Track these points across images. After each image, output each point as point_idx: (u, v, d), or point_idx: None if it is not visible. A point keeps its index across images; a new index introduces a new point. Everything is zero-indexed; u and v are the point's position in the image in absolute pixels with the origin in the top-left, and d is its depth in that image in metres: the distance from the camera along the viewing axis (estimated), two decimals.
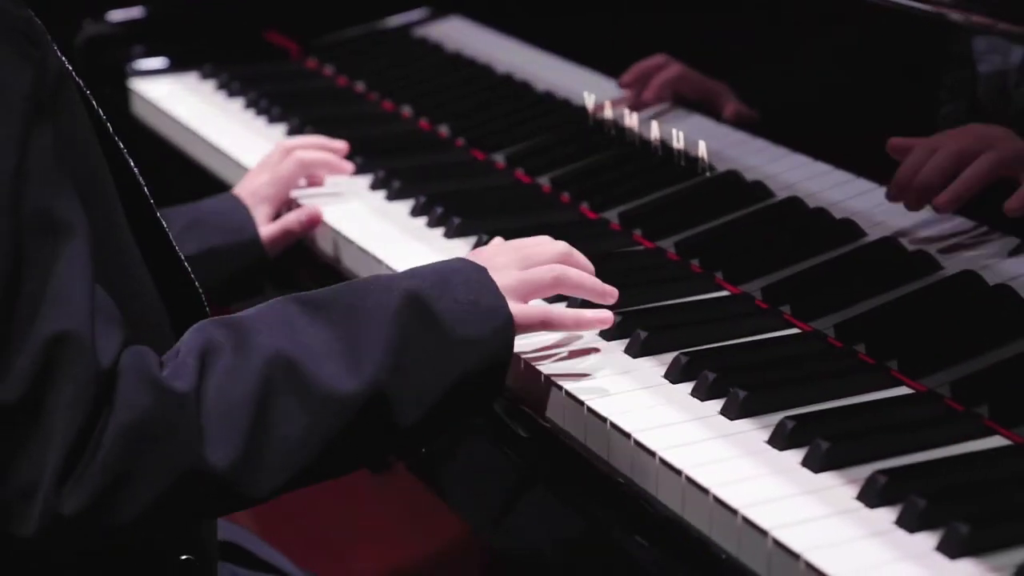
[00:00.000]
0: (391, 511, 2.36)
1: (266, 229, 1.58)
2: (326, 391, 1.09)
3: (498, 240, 1.33)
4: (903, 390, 1.20)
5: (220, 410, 1.06)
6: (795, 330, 1.32)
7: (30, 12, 1.09)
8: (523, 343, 1.28)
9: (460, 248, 1.52)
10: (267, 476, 1.08)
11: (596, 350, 1.29)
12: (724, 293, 1.40)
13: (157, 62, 2.13)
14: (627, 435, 1.16)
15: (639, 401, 1.21)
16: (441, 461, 1.48)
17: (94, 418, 1.02)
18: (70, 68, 1.13)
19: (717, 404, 1.19)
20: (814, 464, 1.09)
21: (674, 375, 1.23)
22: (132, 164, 1.19)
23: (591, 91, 1.74)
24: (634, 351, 1.28)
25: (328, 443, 1.10)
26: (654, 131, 1.62)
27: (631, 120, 1.66)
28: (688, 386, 1.22)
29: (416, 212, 1.61)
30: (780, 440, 1.12)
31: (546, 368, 1.26)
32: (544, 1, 1.99)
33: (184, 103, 2.00)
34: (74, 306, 1.02)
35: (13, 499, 1.01)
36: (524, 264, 1.25)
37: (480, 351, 1.16)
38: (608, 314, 1.27)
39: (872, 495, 1.04)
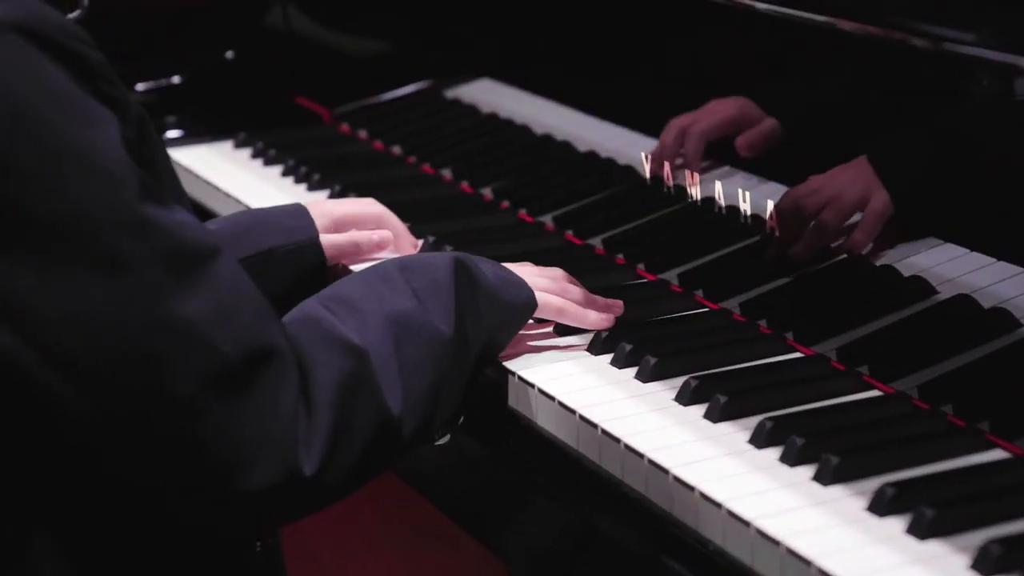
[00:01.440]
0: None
1: (331, 237, 1.53)
2: (435, 336, 1.21)
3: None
4: (1000, 453, 1.17)
5: (379, 361, 1.16)
6: (877, 392, 1.29)
7: (101, 54, 1.08)
8: (599, 413, 1.26)
9: None
10: (412, 421, 1.17)
11: (673, 415, 1.26)
12: (797, 355, 1.37)
13: (190, 130, 2.11)
14: (718, 505, 1.13)
15: (726, 469, 1.17)
16: (499, 518, 1.46)
17: (305, 388, 1.10)
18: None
19: (808, 470, 1.16)
20: (919, 532, 1.06)
21: (760, 440, 1.20)
22: None
23: (636, 150, 1.72)
24: (714, 416, 1.25)
25: (438, 388, 1.21)
26: (718, 189, 1.60)
27: (687, 179, 1.64)
28: (775, 451, 1.19)
29: None
30: (881, 507, 1.09)
31: (624, 436, 1.23)
32: (577, 61, 1.98)
33: (222, 172, 1.98)
34: (256, 305, 1.08)
35: (251, 460, 1.05)
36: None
37: (508, 313, 1.32)
38: (612, 317, 1.40)
39: (987, 564, 1.00)
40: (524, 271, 1.40)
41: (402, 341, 1.19)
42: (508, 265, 1.40)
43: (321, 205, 1.58)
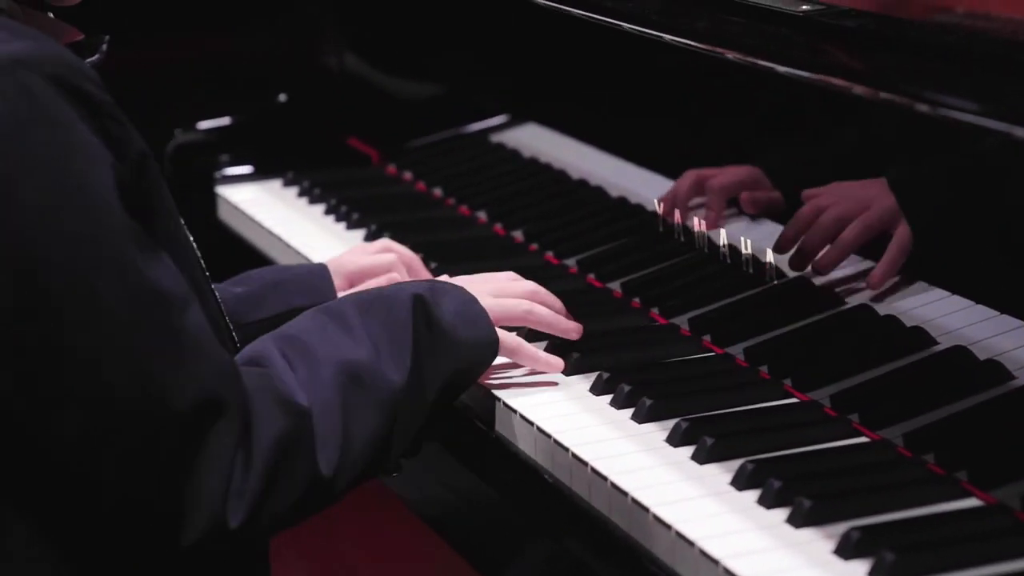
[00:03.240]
0: None
1: (346, 293, 1.58)
2: (385, 386, 1.24)
3: (468, 276, 1.47)
4: (972, 502, 1.19)
5: (321, 419, 1.19)
6: (863, 439, 1.31)
7: (111, 97, 1.15)
8: (590, 452, 1.30)
9: None
10: (347, 475, 1.20)
11: (662, 456, 1.30)
12: (792, 400, 1.40)
13: (243, 169, 2.20)
14: (691, 543, 1.16)
15: (705, 509, 1.21)
16: (499, 553, 1.49)
17: (246, 441, 1.13)
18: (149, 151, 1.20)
19: (783, 512, 1.19)
20: (881, 575, 1.08)
21: (740, 482, 1.23)
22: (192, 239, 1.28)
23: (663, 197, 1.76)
24: (701, 458, 1.28)
25: (387, 435, 1.24)
26: (723, 238, 1.63)
27: (700, 227, 1.68)
28: (754, 494, 1.22)
29: None
30: (847, 550, 1.12)
31: (611, 474, 1.26)
32: (619, 109, 2.02)
33: (268, 209, 2.06)
34: (216, 360, 1.13)
35: (186, 512, 1.11)
36: (496, 294, 1.41)
37: (468, 353, 1.33)
38: (560, 361, 1.43)
39: None
40: (499, 282, 1.44)
41: (350, 392, 1.22)
42: (484, 276, 1.45)
43: (334, 262, 1.64)
